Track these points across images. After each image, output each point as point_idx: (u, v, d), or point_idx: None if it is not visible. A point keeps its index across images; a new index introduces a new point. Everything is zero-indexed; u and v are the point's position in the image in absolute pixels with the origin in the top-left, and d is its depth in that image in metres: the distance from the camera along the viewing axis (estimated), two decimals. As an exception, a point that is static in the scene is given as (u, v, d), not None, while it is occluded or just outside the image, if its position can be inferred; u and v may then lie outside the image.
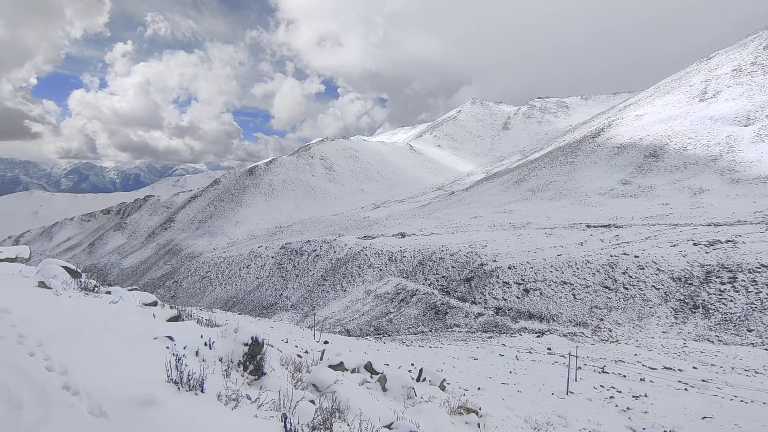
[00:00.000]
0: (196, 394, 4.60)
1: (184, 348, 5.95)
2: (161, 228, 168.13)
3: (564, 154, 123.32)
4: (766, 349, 30.92)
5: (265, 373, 6.33)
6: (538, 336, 39.60)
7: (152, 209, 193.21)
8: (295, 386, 6.71)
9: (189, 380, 4.64)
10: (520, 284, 51.70)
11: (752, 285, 39.60)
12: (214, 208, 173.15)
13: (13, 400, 3.75)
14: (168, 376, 4.66)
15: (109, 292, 9.07)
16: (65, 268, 9.14)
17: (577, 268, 49.96)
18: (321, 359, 10.68)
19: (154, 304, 9.52)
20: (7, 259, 10.65)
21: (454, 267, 61.58)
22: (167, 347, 5.86)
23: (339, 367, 9.44)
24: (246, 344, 6.43)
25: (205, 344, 6.38)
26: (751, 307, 37.93)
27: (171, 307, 10.22)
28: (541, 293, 49.30)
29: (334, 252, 79.78)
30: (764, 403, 18.90)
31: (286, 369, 8.06)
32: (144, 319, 7.44)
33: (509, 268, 54.66)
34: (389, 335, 47.34)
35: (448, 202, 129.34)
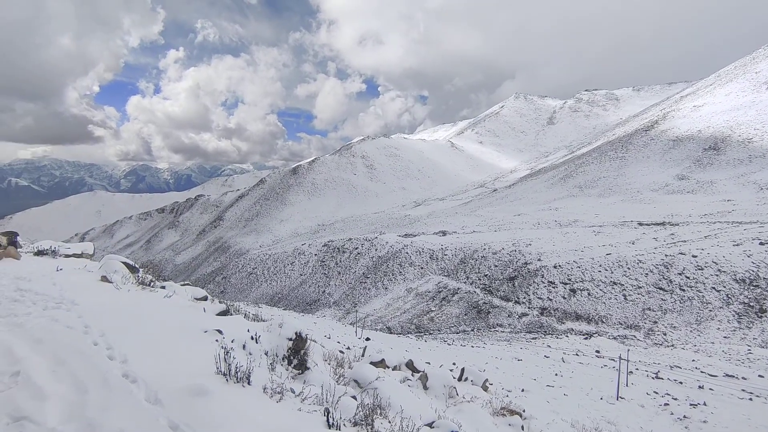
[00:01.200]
0: (243, 386, 4.78)
1: (232, 341, 6.21)
2: (211, 226, 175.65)
3: (614, 148, 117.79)
4: None
5: (308, 368, 6.47)
6: (586, 338, 38.14)
7: (202, 208, 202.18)
8: (337, 381, 6.82)
9: (236, 372, 4.83)
10: (566, 284, 49.97)
11: (829, 288, 36.29)
12: (259, 206, 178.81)
13: (80, 385, 4.06)
14: (217, 368, 4.87)
15: (163, 287, 9.59)
16: (125, 263, 9.75)
17: (628, 268, 47.66)
18: (363, 356, 10.80)
19: (205, 298, 9.97)
20: (74, 255, 11.51)
21: (496, 266, 60.39)
22: (216, 340, 6.13)
23: (380, 364, 9.51)
24: (290, 339, 6.60)
25: (252, 338, 6.62)
26: (828, 313, 34.75)
27: (220, 302, 10.67)
28: (588, 294, 47.43)
29: (376, 250, 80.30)
30: (843, 417, 17.28)
31: (329, 364, 8.21)
32: (195, 313, 7.82)
33: (555, 267, 52.95)
34: (430, 333, 47.13)
35: (491, 199, 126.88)
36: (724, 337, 36.41)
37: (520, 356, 28.60)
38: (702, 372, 25.33)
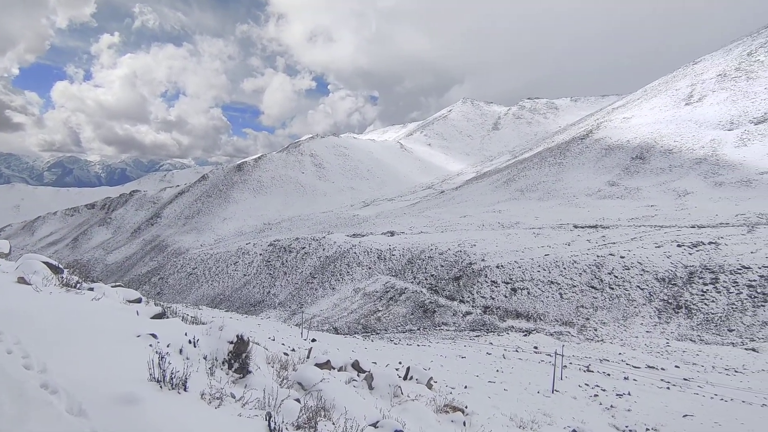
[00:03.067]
0: (179, 393, 4.53)
1: (168, 346, 5.87)
2: (147, 223, 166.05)
3: (553, 155, 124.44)
4: (745, 349, 31.58)
5: (250, 372, 6.26)
6: (525, 335, 39.95)
7: (138, 204, 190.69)
8: (280, 385, 6.66)
9: (172, 378, 4.57)
10: (508, 283, 52.09)
11: (733, 286, 40.42)
12: (201, 204, 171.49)
13: (-11, 398, 3.65)
14: (150, 375, 4.58)
15: (91, 289, 8.91)
16: (46, 263, 8.95)
17: (564, 268, 50.48)
18: (308, 357, 10.63)
19: (138, 300, 9.38)
20: (-14, 254, 10.39)
21: (443, 266, 61.81)
22: (150, 345, 5.77)
23: (326, 365, 9.40)
24: (231, 342, 6.36)
25: (190, 342, 6.30)
26: (732, 308, 38.71)
27: (155, 304, 10.09)
28: (528, 292, 49.73)
29: (323, 250, 79.56)
30: (743, 401, 19.30)
31: (272, 367, 8.00)
32: (127, 317, 7.32)
33: (497, 267, 55.03)
34: (377, 333, 47.38)
35: (438, 201, 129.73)
36: (647, 331, 39.52)
37: (463, 354, 29.43)
38: (627, 364, 27.30)
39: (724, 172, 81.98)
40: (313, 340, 25.37)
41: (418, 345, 34.57)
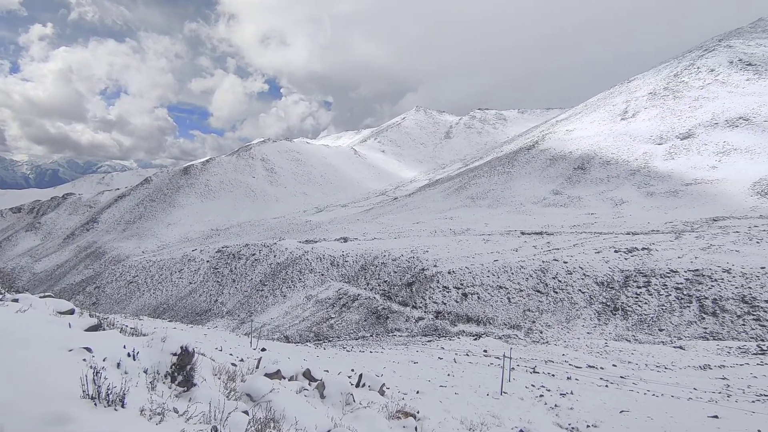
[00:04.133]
0: (116, 410, 4.24)
1: (104, 360, 5.48)
2: (82, 229, 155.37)
3: (501, 164, 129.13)
4: (674, 347, 34.06)
5: (195, 384, 5.98)
6: (475, 339, 40.92)
7: (72, 208, 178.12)
8: (228, 397, 6.40)
9: (108, 395, 4.27)
10: (459, 288, 53.23)
11: (663, 289, 43.55)
12: (143, 208, 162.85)
13: None
14: (84, 391, 4.25)
15: (16, 300, 8.18)
16: (-37, 272, 8.13)
17: (512, 273, 52.32)
18: (257, 367, 10.31)
19: (71, 312, 8.72)
20: None
21: (396, 272, 62.23)
22: (84, 359, 5.37)
23: (276, 375, 9.15)
24: (175, 354, 6.05)
25: (129, 355, 5.92)
26: (662, 309, 41.68)
27: (90, 315, 9.43)
28: (478, 297, 51.06)
29: (274, 256, 77.81)
30: (672, 396, 20.76)
31: (219, 379, 7.69)
32: (58, 329, 6.78)
33: (449, 272, 56.14)
34: (330, 341, 46.83)
35: (392, 207, 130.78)
36: (587, 332, 41.69)
37: (416, 359, 29.68)
38: (570, 365, 28.63)
39: (654, 183, 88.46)
40: (263, 350, 24.67)
41: (371, 351, 34.50)
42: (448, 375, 24.10)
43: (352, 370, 20.00)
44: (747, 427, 15.46)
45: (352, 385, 10.60)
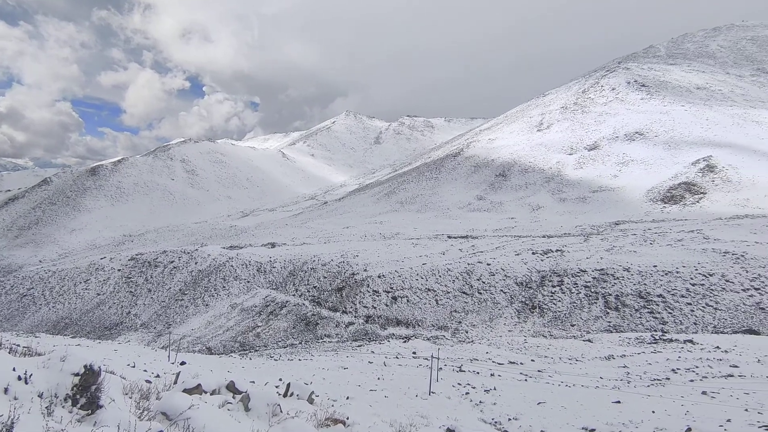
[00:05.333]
0: (-3, 443, 3.66)
1: (-15, 385, 4.74)
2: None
3: (429, 170, 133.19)
4: (583, 341, 37.07)
5: (101, 407, 5.37)
6: (405, 341, 41.55)
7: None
8: (140, 417, 5.82)
9: (-13, 426, 3.67)
10: (388, 292, 53.83)
11: (574, 287, 47.34)
12: (42, 212, 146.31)
13: None
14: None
15: None
16: None
17: (440, 276, 53.96)
18: (175, 383, 9.56)
19: (-56, 331, 7.49)
20: None
21: (325, 277, 61.52)
22: (-43, 386, 4.60)
23: (196, 390, 8.53)
24: (77, 374, 5.39)
25: (20, 378, 5.17)
26: (573, 306, 45.27)
27: (-30, 334, 8.18)
28: (407, 300, 51.99)
29: (196, 263, 73.51)
30: (582, 386, 22.53)
31: (131, 398, 6.99)
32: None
33: (379, 277, 56.59)
34: (256, 350, 45.05)
35: (321, 212, 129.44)
36: (509, 330, 44.09)
37: (346, 364, 29.45)
38: (493, 362, 30.03)
39: (566, 190, 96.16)
40: (182, 363, 23.08)
41: (300, 359, 33.70)
42: (378, 379, 24.19)
43: (280, 380, 19.34)
44: (643, 410, 17.18)
45: (279, 395, 10.20)
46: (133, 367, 18.40)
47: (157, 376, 14.58)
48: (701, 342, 32.08)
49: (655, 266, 46.70)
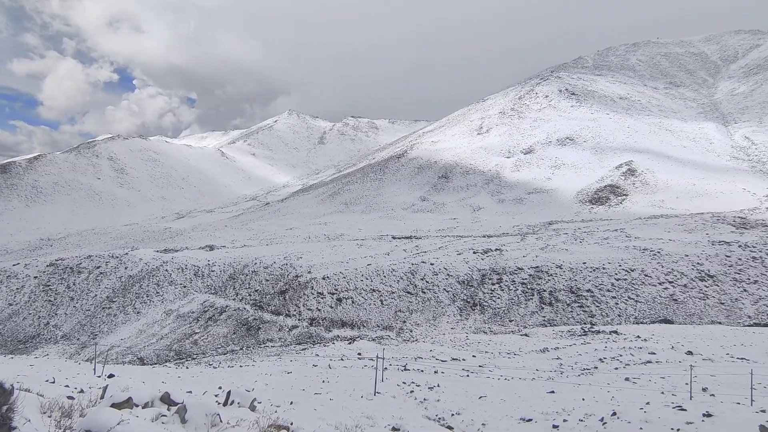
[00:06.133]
0: None
1: None
2: None
3: (374, 171, 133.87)
4: (521, 335, 38.88)
5: (14, 428, 4.84)
6: (350, 342, 41.38)
7: None
8: (60, 437, 5.30)
9: None
10: (333, 294, 53.39)
11: (512, 284, 49.52)
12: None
13: None
14: None
15: None
16: None
17: (385, 276, 54.33)
18: (102, 398, 8.82)
19: None
20: None
21: (268, 280, 59.89)
22: None
23: (126, 404, 7.92)
24: (-18, 394, 4.81)
25: None
26: (511, 302, 47.36)
27: None
28: (352, 301, 51.84)
29: (125, 268, 68.79)
30: (520, 378, 23.59)
31: (50, 417, 6.35)
32: None
33: (323, 278, 55.98)
34: (194, 358, 42.91)
35: (263, 213, 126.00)
36: (451, 328, 45.26)
37: (289, 369, 28.80)
38: (437, 359, 30.67)
39: (505, 192, 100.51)
40: (110, 376, 21.45)
41: (242, 366, 32.52)
42: (323, 381, 23.87)
43: (220, 388, 18.53)
44: (574, 398, 18.27)
45: (219, 404, 9.74)
46: (53, 382, 16.82)
47: (81, 391, 13.42)
48: (624, 332, 34.74)
49: (584, 263, 49.96)
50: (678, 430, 11.98)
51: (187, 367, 33.17)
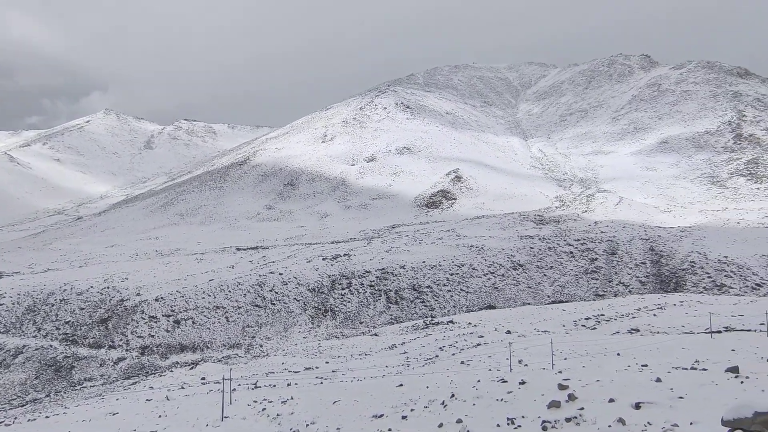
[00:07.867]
0: None
1: None
2: None
3: (213, 178, 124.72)
4: (371, 335, 40.41)
5: None
6: (192, 367, 37.40)
7: None
8: None
9: None
10: (169, 316, 47.73)
11: (361, 287, 51.24)
12: None
13: None
14: None
15: None
16: None
17: (230, 291, 50.79)
18: None
19: None
20: None
21: (83, 308, 50.50)
22: None
23: None
24: None
25: None
26: (361, 305, 48.95)
27: None
28: (193, 322, 47.12)
29: None
30: (372, 377, 24.36)
31: None
32: None
33: (156, 300, 49.64)
34: (-26, 418, 33.51)
35: (73, 229, 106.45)
36: (303, 337, 44.59)
37: (115, 409, 24.56)
38: (289, 371, 29.73)
39: (350, 198, 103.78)
40: None
41: (48, 416, 26.56)
42: (160, 417, 20.97)
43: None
44: (420, 387, 19.60)
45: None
46: None
47: None
48: (459, 321, 38.90)
49: (423, 262, 54.55)
50: (501, 399, 13.72)
51: (-38, 432, 25.69)
